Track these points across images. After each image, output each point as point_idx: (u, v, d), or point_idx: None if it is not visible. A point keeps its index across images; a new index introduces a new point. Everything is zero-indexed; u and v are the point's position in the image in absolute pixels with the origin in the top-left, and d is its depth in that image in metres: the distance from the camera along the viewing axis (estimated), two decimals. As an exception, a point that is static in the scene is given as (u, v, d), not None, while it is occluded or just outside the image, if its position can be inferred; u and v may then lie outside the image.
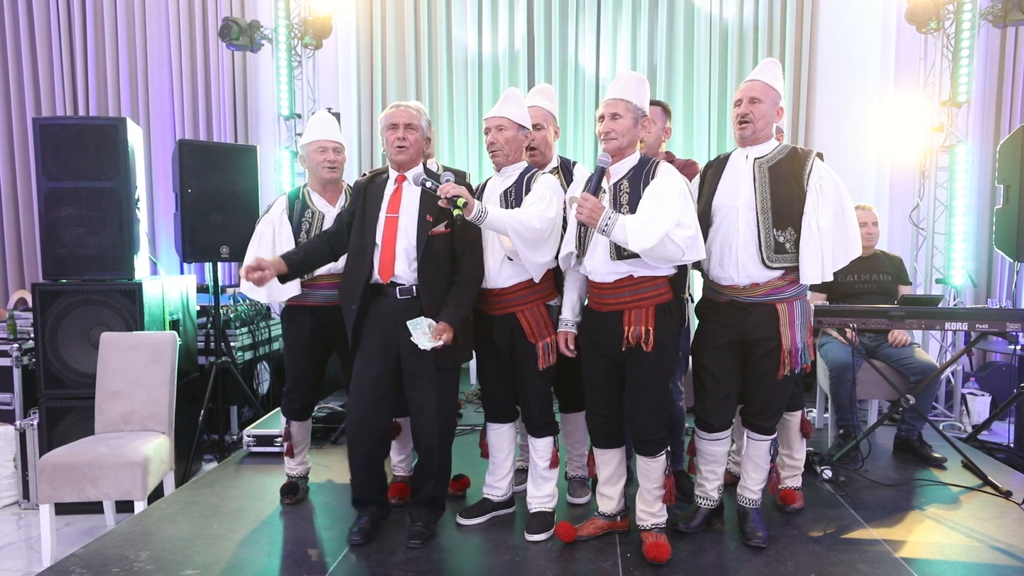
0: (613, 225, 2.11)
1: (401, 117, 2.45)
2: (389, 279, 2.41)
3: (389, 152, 2.49)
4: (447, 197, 2.22)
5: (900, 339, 3.44)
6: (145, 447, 2.91)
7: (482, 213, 2.25)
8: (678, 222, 2.11)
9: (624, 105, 2.25)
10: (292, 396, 2.85)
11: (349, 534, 2.47)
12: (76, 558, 2.32)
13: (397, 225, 2.42)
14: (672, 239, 2.10)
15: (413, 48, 5.49)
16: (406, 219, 2.42)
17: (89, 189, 3.40)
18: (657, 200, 2.15)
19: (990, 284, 5.22)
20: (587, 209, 2.13)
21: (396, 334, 2.40)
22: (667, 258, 2.16)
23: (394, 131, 2.45)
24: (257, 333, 4.74)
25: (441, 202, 2.25)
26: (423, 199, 2.44)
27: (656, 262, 2.19)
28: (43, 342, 3.38)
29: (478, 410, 3.51)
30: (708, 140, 5.35)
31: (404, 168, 2.48)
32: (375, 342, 2.44)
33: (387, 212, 2.44)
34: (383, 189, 2.50)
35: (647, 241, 2.07)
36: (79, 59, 5.55)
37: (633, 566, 2.28)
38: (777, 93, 2.34)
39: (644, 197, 2.19)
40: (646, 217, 2.11)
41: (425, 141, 2.54)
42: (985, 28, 4.79)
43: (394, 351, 2.43)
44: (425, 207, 2.43)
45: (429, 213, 2.41)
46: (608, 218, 2.11)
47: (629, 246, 2.11)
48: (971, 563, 2.30)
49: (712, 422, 2.42)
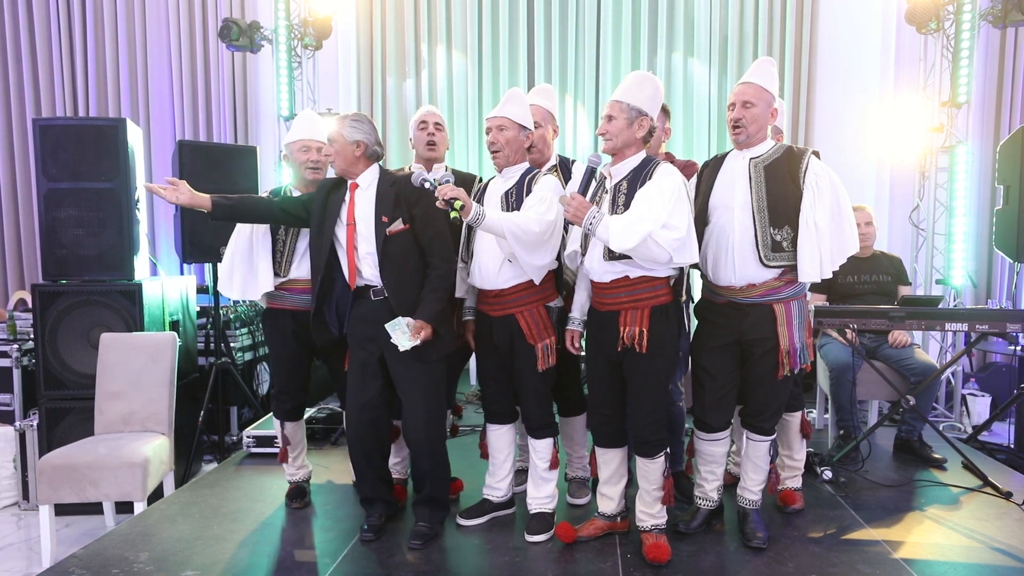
0: (597, 224, 2.12)
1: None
2: (356, 284, 2.47)
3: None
4: (445, 199, 2.23)
5: (900, 340, 3.44)
6: (145, 448, 2.91)
7: (479, 216, 2.25)
8: (664, 224, 2.09)
9: (618, 106, 2.25)
10: (281, 398, 2.82)
11: (360, 531, 2.49)
12: (76, 559, 2.32)
13: (355, 232, 2.44)
14: (656, 240, 2.09)
15: (413, 48, 5.50)
16: (363, 225, 2.43)
17: (89, 190, 3.40)
18: (645, 201, 2.15)
19: (990, 285, 5.22)
20: (573, 208, 2.14)
21: (377, 335, 2.42)
22: (652, 260, 2.15)
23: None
24: (257, 334, 4.74)
25: (439, 203, 2.25)
26: (377, 202, 2.44)
27: (647, 263, 2.19)
28: (43, 343, 3.37)
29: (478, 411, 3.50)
30: (708, 141, 5.36)
31: (353, 176, 2.49)
32: (361, 346, 2.47)
33: (346, 221, 2.46)
34: (341, 197, 2.51)
35: (628, 242, 2.07)
36: (79, 60, 5.56)
37: (633, 567, 2.27)
38: (771, 95, 2.33)
39: (635, 198, 2.19)
40: (631, 218, 2.11)
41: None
42: (985, 29, 4.79)
43: (377, 351, 2.45)
44: (380, 209, 2.42)
45: (383, 214, 2.41)
46: (593, 217, 2.12)
47: (611, 246, 2.12)
48: (971, 564, 2.30)
49: (710, 422, 2.42)
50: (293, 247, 2.70)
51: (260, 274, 2.67)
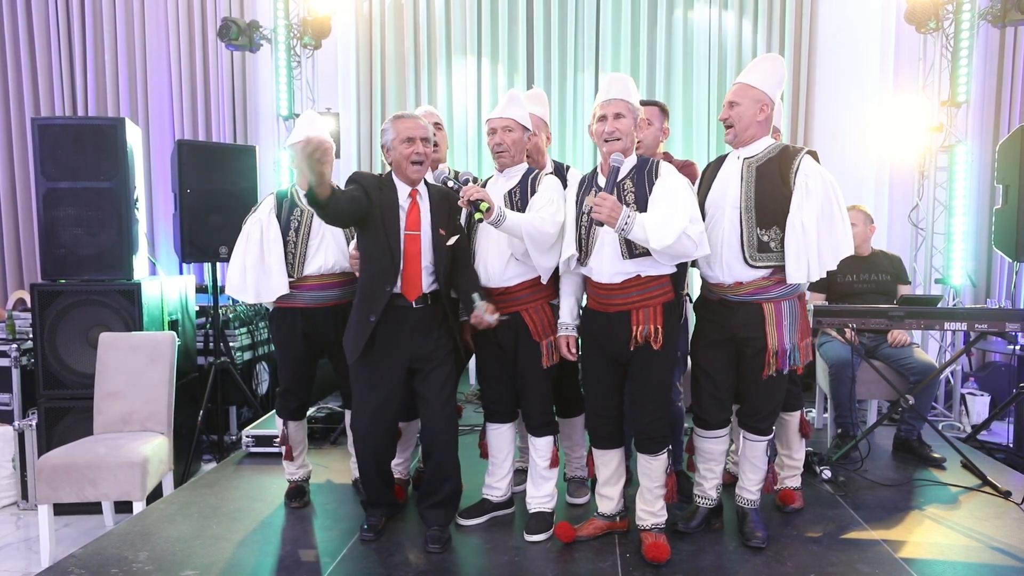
0: (632, 224, 2.10)
1: (418, 131, 2.38)
2: (415, 296, 2.40)
3: (403, 166, 2.39)
4: (470, 199, 2.23)
5: (899, 339, 3.44)
6: (144, 447, 2.90)
7: (501, 216, 2.27)
8: (691, 218, 2.13)
9: (626, 105, 2.25)
10: (287, 397, 2.83)
11: (361, 531, 2.49)
12: (75, 559, 2.32)
13: (420, 243, 2.40)
14: (688, 235, 2.11)
15: (412, 48, 5.50)
16: (424, 236, 2.42)
17: (88, 189, 3.40)
18: (671, 198, 2.16)
19: (989, 284, 5.22)
20: (607, 208, 2.10)
21: (411, 341, 2.42)
22: (683, 254, 2.17)
23: (411, 145, 2.36)
24: (256, 333, 4.74)
25: (462, 202, 2.27)
26: (433, 212, 2.44)
27: (666, 259, 2.20)
28: (42, 342, 3.37)
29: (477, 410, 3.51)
30: (707, 141, 5.35)
31: (416, 183, 2.44)
32: (391, 349, 2.42)
33: (407, 230, 2.40)
34: (395, 202, 2.41)
35: (667, 238, 2.07)
36: (78, 59, 5.55)
37: (632, 566, 2.27)
38: (758, 91, 2.30)
39: (655, 195, 2.20)
40: (664, 214, 2.12)
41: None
42: (984, 28, 4.79)
43: (407, 357, 2.44)
44: (436, 220, 2.43)
45: (440, 227, 2.43)
46: (628, 216, 2.10)
47: (649, 244, 2.10)
48: (970, 563, 2.30)
49: (708, 419, 2.43)
50: (305, 248, 2.70)
51: (274, 276, 2.66)
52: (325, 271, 2.71)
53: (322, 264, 2.69)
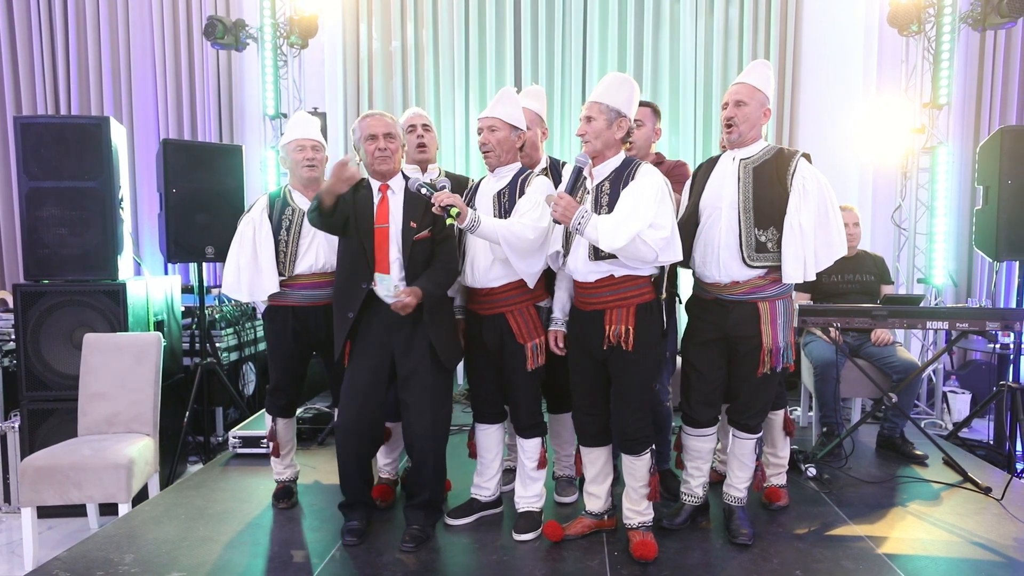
0: (586, 224, 2.13)
1: (380, 127, 2.45)
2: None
3: (369, 162, 2.48)
4: (441, 206, 2.24)
5: (883, 338, 3.48)
6: (129, 449, 2.88)
7: (475, 223, 2.27)
8: (651, 223, 2.12)
9: (597, 107, 2.26)
10: (276, 394, 2.84)
11: (342, 536, 2.47)
12: (59, 562, 2.30)
13: (388, 235, 2.43)
14: (644, 240, 2.11)
15: (400, 47, 5.49)
16: (394, 228, 2.44)
17: (72, 189, 3.37)
18: (632, 201, 2.16)
19: (970, 283, 5.29)
20: (561, 207, 2.14)
21: (390, 338, 2.43)
22: (640, 258, 2.17)
23: (374, 141, 2.45)
24: (243, 334, 4.71)
25: (435, 210, 2.27)
26: (406, 205, 2.46)
27: (633, 262, 2.20)
28: (24, 344, 3.33)
29: (466, 410, 3.50)
30: (694, 141, 5.38)
31: (387, 177, 2.49)
32: (369, 347, 2.45)
33: (377, 223, 2.45)
34: (370, 200, 2.48)
35: (618, 241, 2.09)
36: (60, 57, 5.48)
37: (620, 564, 2.29)
38: (763, 95, 2.36)
39: (620, 198, 2.21)
40: (619, 217, 2.13)
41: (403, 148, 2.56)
42: (965, 31, 4.86)
43: (388, 355, 2.45)
44: (408, 214, 2.45)
45: (412, 219, 2.43)
46: (581, 217, 2.13)
47: (600, 245, 2.13)
48: (952, 558, 2.34)
49: (697, 418, 2.45)
50: (295, 247, 2.72)
51: (265, 274, 2.68)
52: (316, 270, 2.72)
53: (312, 263, 2.71)
